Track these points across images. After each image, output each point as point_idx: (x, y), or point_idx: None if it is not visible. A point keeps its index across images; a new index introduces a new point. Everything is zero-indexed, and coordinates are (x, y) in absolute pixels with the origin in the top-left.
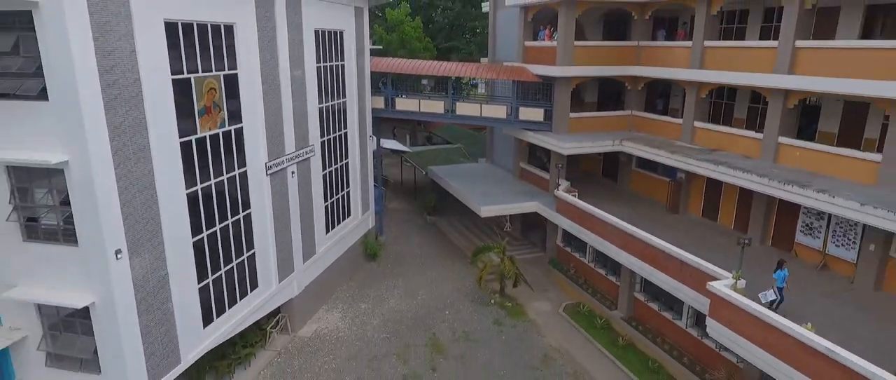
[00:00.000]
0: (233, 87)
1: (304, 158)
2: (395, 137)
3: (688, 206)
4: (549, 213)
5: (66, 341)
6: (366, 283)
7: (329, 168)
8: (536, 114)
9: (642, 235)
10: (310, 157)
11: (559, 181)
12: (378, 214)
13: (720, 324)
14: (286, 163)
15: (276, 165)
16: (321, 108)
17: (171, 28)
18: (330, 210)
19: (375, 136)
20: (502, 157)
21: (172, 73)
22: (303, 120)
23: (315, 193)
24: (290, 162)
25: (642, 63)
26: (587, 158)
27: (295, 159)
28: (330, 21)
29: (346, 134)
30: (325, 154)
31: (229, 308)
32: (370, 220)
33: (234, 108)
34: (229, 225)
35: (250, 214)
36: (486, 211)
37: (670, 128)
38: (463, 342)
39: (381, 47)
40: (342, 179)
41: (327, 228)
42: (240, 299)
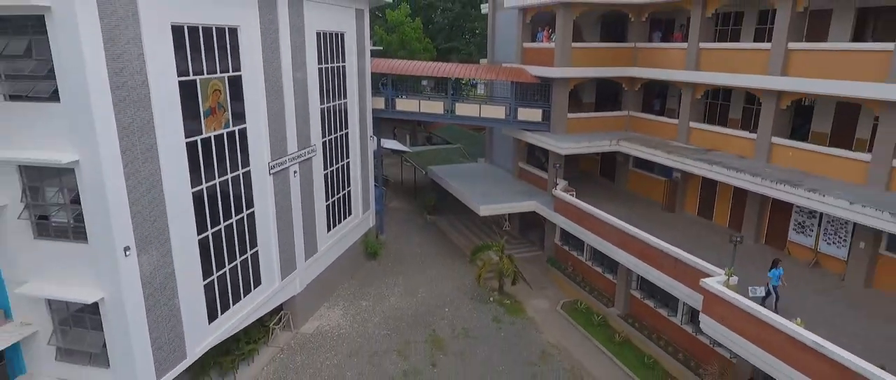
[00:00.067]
0: (237, 88)
1: (306, 158)
2: (395, 137)
3: (684, 205)
4: (548, 212)
5: (75, 335)
6: (366, 281)
7: (330, 168)
8: (535, 114)
9: (638, 234)
10: (311, 156)
11: (557, 181)
12: (378, 213)
13: (713, 320)
14: (288, 162)
15: (278, 165)
16: (323, 108)
17: (177, 31)
18: (331, 209)
19: (376, 136)
20: (501, 157)
21: (179, 75)
22: (305, 120)
23: (317, 193)
24: (293, 162)
25: (639, 64)
26: (585, 157)
27: (297, 159)
28: (331, 23)
29: (347, 134)
30: (326, 154)
31: (233, 305)
32: (371, 219)
33: (239, 108)
34: (233, 223)
35: (254, 212)
36: (485, 210)
37: (666, 128)
38: (462, 339)
39: (381, 48)
40: (343, 178)
41: (328, 227)
42: (244, 296)
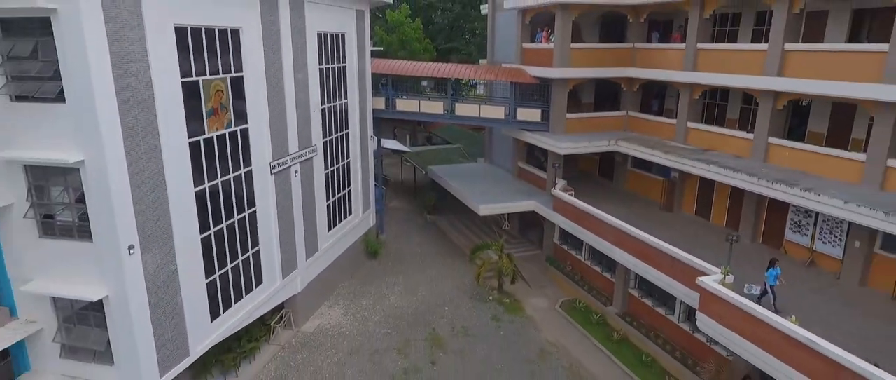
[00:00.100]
0: (239, 88)
1: (307, 158)
2: (395, 137)
3: (682, 205)
4: (547, 211)
5: (80, 333)
6: (367, 280)
7: (331, 167)
8: (534, 114)
9: (636, 233)
10: (312, 156)
11: (556, 180)
12: (379, 212)
13: (710, 318)
14: (290, 162)
15: (280, 165)
16: (323, 108)
17: (180, 32)
18: (332, 209)
19: (376, 136)
20: (501, 156)
21: (182, 76)
22: (306, 120)
23: (317, 192)
24: (294, 161)
25: (637, 65)
26: (584, 157)
27: (298, 159)
28: (332, 24)
29: (347, 134)
30: (327, 154)
31: (235, 303)
32: (371, 218)
33: (240, 109)
34: (235, 222)
35: (255, 211)
36: (484, 210)
37: (664, 128)
38: (462, 337)
39: (381, 49)
40: (344, 178)
41: (329, 226)
42: (245, 295)
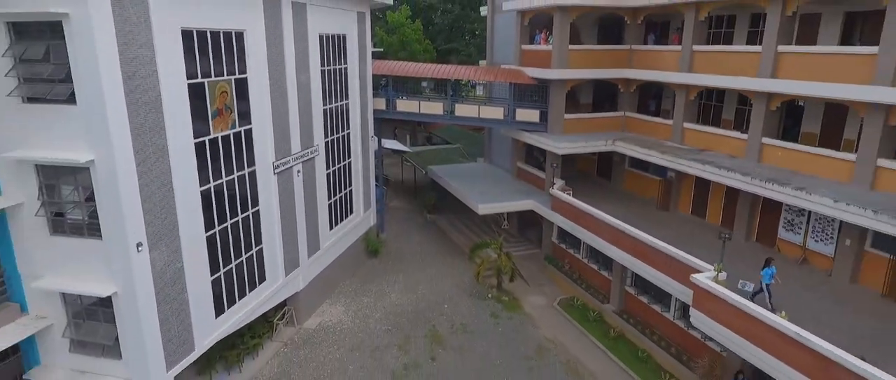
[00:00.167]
0: (243, 90)
1: (309, 158)
2: (396, 137)
3: (678, 204)
4: (545, 211)
5: (89, 328)
6: (368, 278)
7: (332, 167)
8: (532, 115)
9: (632, 231)
10: (314, 156)
11: (554, 180)
12: (379, 212)
13: (703, 314)
14: (292, 162)
15: (282, 165)
16: (325, 109)
17: (187, 36)
18: (333, 208)
19: (377, 136)
20: (500, 156)
21: (188, 78)
22: (308, 121)
23: (319, 192)
24: (296, 161)
25: (634, 66)
26: (582, 157)
27: (300, 159)
28: (334, 26)
29: (348, 134)
30: (328, 154)
31: (239, 300)
32: (372, 217)
33: (244, 110)
34: (239, 221)
35: (259, 210)
36: (483, 209)
37: (661, 129)
38: (461, 334)
39: (382, 50)
40: (345, 177)
41: (331, 225)
42: (249, 292)
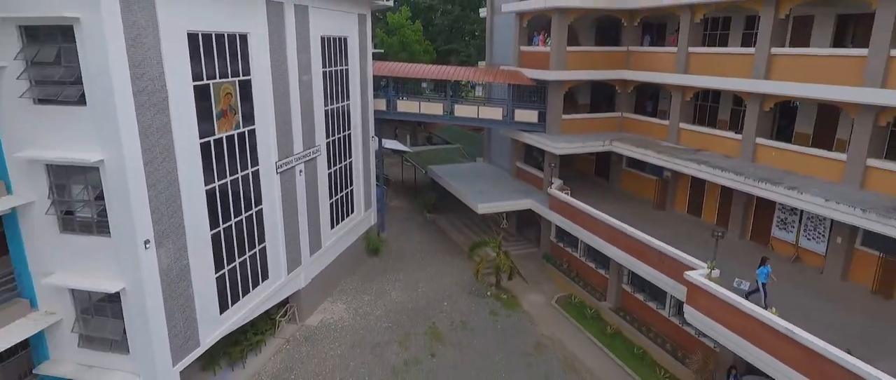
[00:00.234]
0: (247, 91)
1: (311, 158)
2: (396, 137)
3: (674, 203)
4: (543, 210)
5: (97, 323)
6: (368, 276)
7: (334, 167)
8: (531, 116)
9: (628, 230)
10: (316, 156)
11: (552, 180)
12: (380, 211)
13: (696, 310)
14: (294, 162)
15: (285, 164)
16: (327, 110)
17: (192, 38)
18: (335, 207)
19: (377, 136)
20: (499, 156)
21: (194, 80)
22: (310, 122)
23: (321, 191)
24: (298, 161)
25: (631, 67)
26: (581, 158)
27: (302, 159)
28: (335, 28)
29: (349, 135)
30: (330, 154)
31: (243, 297)
32: (372, 217)
33: (248, 110)
34: (243, 220)
35: (262, 209)
36: (483, 208)
37: (658, 129)
38: (461, 331)
39: (382, 51)
40: (346, 177)
41: (332, 224)
42: (252, 289)
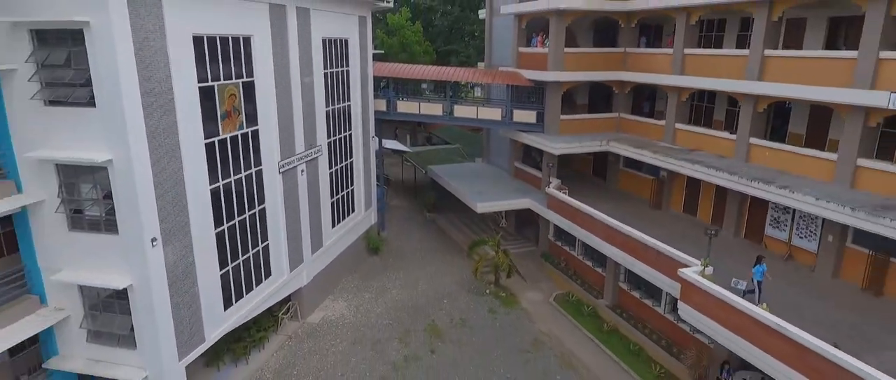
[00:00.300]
0: (250, 92)
1: (313, 158)
2: (396, 137)
3: (670, 202)
4: (542, 209)
5: (105, 319)
6: (369, 275)
7: (335, 167)
8: (529, 116)
9: (625, 229)
10: (318, 156)
11: (550, 180)
12: (380, 210)
13: (690, 307)
14: (296, 162)
15: (287, 164)
16: (328, 110)
17: (198, 41)
18: (336, 206)
19: (378, 136)
20: (498, 156)
21: (199, 82)
22: (311, 122)
23: (322, 190)
24: (300, 161)
25: (628, 68)
26: (579, 157)
27: (304, 159)
28: (336, 30)
29: (350, 135)
30: (331, 154)
31: (246, 294)
32: (373, 216)
33: (251, 112)
34: (246, 218)
35: (265, 208)
36: (482, 207)
37: (654, 129)
38: (460, 328)
39: (382, 51)
40: (347, 177)
41: (333, 223)
42: (255, 286)
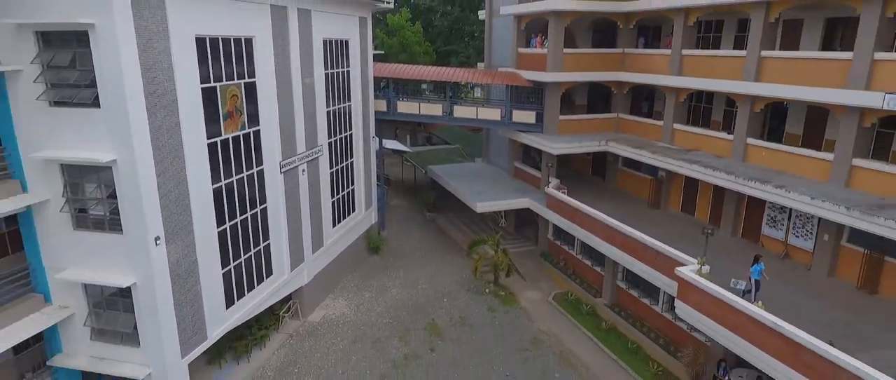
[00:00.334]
0: (252, 93)
1: (314, 158)
2: (396, 137)
3: (668, 202)
4: (541, 209)
5: (109, 317)
6: (369, 274)
7: (336, 167)
8: (529, 116)
9: (622, 228)
10: (318, 156)
11: (549, 179)
12: (380, 210)
13: (687, 305)
14: (298, 162)
15: (288, 164)
16: (329, 111)
17: (200, 43)
18: (336, 206)
19: (378, 137)
20: (498, 156)
21: (201, 82)
22: (312, 122)
23: (323, 190)
24: (301, 161)
25: (627, 69)
26: (578, 157)
27: (305, 159)
28: (337, 31)
29: (351, 135)
30: (332, 154)
31: (248, 292)
32: (373, 215)
33: (253, 112)
34: (248, 218)
35: (266, 208)
36: (481, 207)
37: (652, 129)
38: (459, 327)
39: (382, 52)
40: (347, 177)
41: (334, 223)
42: (257, 285)
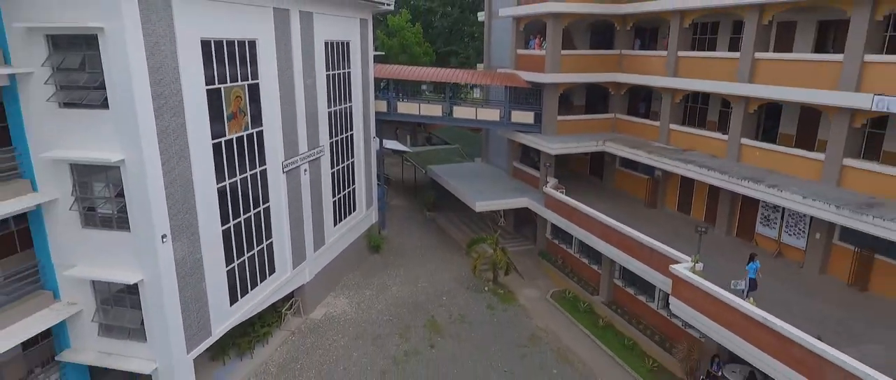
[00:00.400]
0: (255, 94)
1: (315, 158)
2: (397, 137)
3: (664, 201)
4: (539, 208)
5: (116, 314)
6: (370, 272)
7: (337, 167)
8: (527, 117)
9: (619, 227)
10: (320, 156)
11: (548, 179)
12: (381, 209)
13: (681, 302)
14: (300, 162)
15: (291, 164)
16: (330, 111)
17: (205, 45)
18: (338, 205)
19: (378, 137)
20: (497, 156)
21: (206, 84)
22: (314, 123)
23: (325, 190)
24: (303, 161)
25: (624, 70)
26: (575, 157)
27: (307, 159)
28: (338, 33)
29: (351, 135)
30: (333, 154)
31: (251, 289)
32: (373, 215)
33: (256, 113)
34: (251, 216)
35: (269, 207)
36: (480, 206)
37: (649, 130)
38: (459, 324)
39: (382, 53)
40: (348, 176)
41: (335, 221)
42: (260, 282)
